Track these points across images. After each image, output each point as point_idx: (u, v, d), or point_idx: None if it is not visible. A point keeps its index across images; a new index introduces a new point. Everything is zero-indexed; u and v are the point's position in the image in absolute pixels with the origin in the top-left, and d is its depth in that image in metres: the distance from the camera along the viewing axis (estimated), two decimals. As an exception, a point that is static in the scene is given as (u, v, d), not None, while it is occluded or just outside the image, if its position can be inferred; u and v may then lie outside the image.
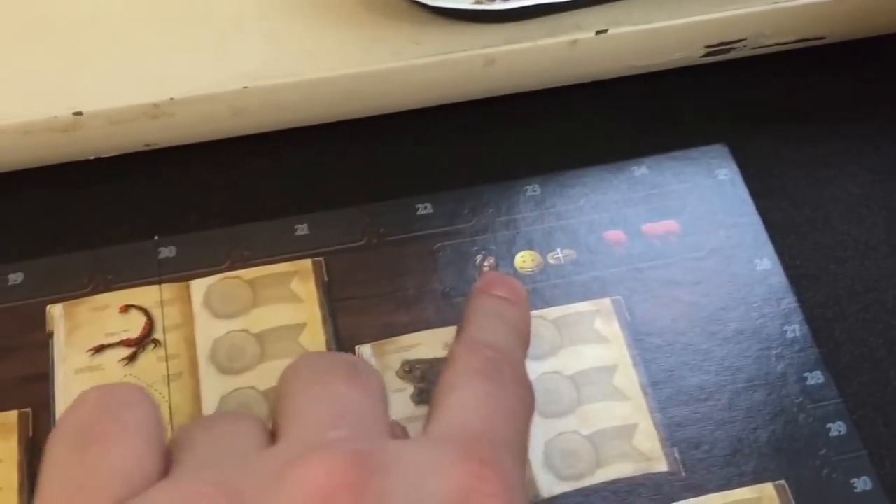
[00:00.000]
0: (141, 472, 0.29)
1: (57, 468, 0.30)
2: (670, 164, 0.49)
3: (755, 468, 0.41)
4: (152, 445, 0.31)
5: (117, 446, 0.30)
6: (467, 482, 0.29)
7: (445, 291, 0.45)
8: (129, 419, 0.31)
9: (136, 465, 0.30)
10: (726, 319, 0.45)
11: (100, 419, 0.30)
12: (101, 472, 0.29)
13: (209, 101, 0.47)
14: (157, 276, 0.45)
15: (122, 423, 0.30)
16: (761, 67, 0.53)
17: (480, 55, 0.48)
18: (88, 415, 0.31)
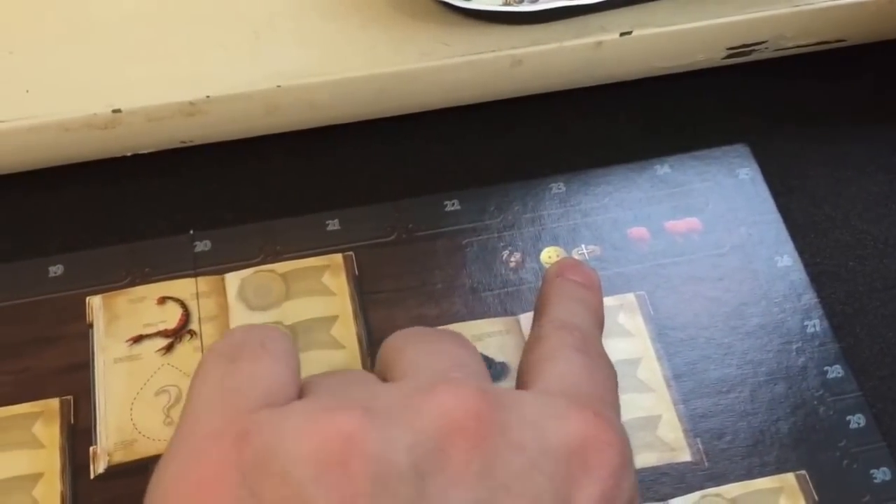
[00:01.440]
0: (284, 390, 0.31)
1: (211, 374, 0.32)
2: (692, 163, 0.50)
3: (776, 459, 0.41)
4: (292, 371, 0.32)
5: (264, 364, 0.32)
6: (585, 428, 0.30)
7: (473, 286, 0.46)
8: (273, 347, 0.33)
9: (280, 383, 0.31)
10: (748, 314, 0.45)
11: (248, 343, 0.32)
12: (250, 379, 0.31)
13: (243, 100, 0.47)
14: (192, 269, 0.46)
15: (267, 348, 0.32)
16: (782, 69, 0.53)
17: (507, 56, 0.49)
18: (238, 340, 0.33)
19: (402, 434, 0.28)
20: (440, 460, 0.28)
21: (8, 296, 0.45)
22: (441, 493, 0.27)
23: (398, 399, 0.30)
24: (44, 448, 0.41)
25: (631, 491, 0.31)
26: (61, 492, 0.40)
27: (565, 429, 0.30)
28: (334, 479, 0.27)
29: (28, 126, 0.46)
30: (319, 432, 0.28)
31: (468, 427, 0.28)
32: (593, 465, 0.30)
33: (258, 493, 0.27)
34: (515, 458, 0.29)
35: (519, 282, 0.46)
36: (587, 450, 0.30)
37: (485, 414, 0.29)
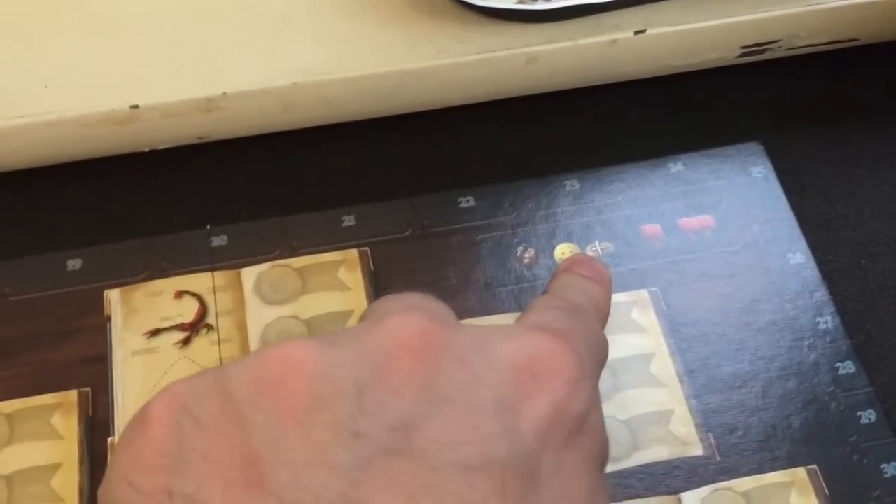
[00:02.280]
0: None
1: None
2: (706, 161, 0.50)
3: (787, 453, 0.42)
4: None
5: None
6: (537, 344, 0.30)
7: (487, 282, 0.46)
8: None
9: None
10: (760, 311, 0.45)
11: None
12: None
13: (260, 96, 0.48)
14: (209, 264, 0.46)
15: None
16: (795, 68, 0.54)
17: (522, 54, 0.49)
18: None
19: (344, 354, 0.28)
20: (381, 375, 0.28)
21: (27, 289, 0.46)
22: (380, 405, 0.27)
23: (347, 332, 0.30)
24: (62, 439, 0.42)
25: (586, 404, 0.30)
26: (79, 482, 0.41)
27: (516, 345, 0.30)
28: (273, 397, 0.27)
29: (47, 121, 0.47)
30: (262, 359, 0.28)
31: (412, 344, 0.29)
32: (544, 378, 0.29)
33: (198, 417, 0.28)
34: (459, 372, 0.29)
35: (533, 278, 0.46)
36: (537, 363, 0.30)
37: (430, 332, 0.29)
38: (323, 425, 0.27)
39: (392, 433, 0.27)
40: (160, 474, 0.27)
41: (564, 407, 0.29)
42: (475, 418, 0.28)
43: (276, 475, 0.26)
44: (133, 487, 0.27)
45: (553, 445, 0.29)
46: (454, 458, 0.27)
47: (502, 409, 0.28)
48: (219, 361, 0.44)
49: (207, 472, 0.27)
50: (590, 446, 0.31)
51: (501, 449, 0.27)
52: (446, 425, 0.27)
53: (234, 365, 0.29)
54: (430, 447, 0.27)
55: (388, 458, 0.27)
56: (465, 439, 0.27)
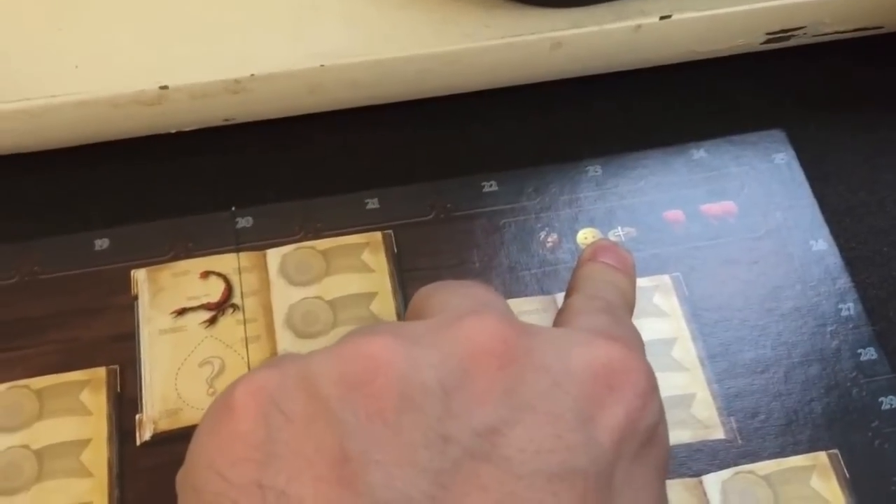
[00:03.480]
0: None
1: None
2: (729, 147, 0.50)
3: (809, 437, 0.42)
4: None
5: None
6: (610, 353, 0.31)
7: (511, 265, 0.47)
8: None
9: None
10: (782, 297, 0.46)
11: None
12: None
13: (287, 79, 0.48)
14: (234, 245, 0.47)
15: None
16: (820, 55, 0.54)
17: (548, 38, 0.49)
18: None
19: (429, 354, 0.29)
20: (466, 379, 0.29)
21: (56, 267, 0.46)
22: (465, 409, 0.28)
23: (427, 328, 0.31)
24: (91, 415, 0.43)
25: (656, 416, 0.31)
26: (108, 457, 0.42)
27: (591, 353, 0.30)
28: (361, 395, 0.28)
29: (76, 101, 0.47)
30: (348, 355, 0.29)
31: (494, 349, 0.29)
32: (618, 387, 0.30)
33: (286, 411, 0.28)
34: (540, 379, 0.29)
35: (556, 262, 0.47)
36: (612, 373, 0.30)
37: (511, 338, 0.30)
38: (412, 426, 0.27)
39: (478, 438, 0.28)
40: (251, 467, 0.27)
41: (638, 418, 0.30)
42: (557, 427, 0.28)
43: (368, 475, 0.26)
44: (222, 478, 0.28)
45: (627, 456, 0.29)
46: (538, 466, 0.27)
47: (581, 417, 0.29)
48: (244, 341, 0.44)
49: (299, 467, 0.27)
50: (658, 456, 0.31)
51: (582, 458, 0.28)
52: (530, 432, 0.28)
53: (319, 358, 0.29)
54: (514, 454, 0.27)
55: (475, 463, 0.27)
56: (548, 447, 0.28)
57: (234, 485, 0.27)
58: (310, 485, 0.27)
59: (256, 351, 0.44)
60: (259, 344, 0.44)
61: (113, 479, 0.41)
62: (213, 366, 0.44)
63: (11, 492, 0.41)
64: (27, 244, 0.47)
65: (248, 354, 0.44)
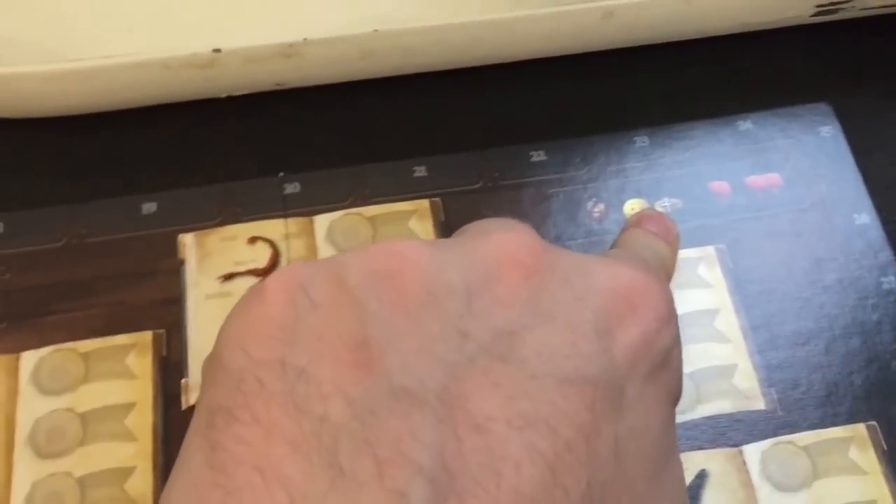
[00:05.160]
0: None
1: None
2: (774, 120, 0.52)
3: (849, 409, 0.44)
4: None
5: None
6: (633, 277, 0.32)
7: (558, 234, 0.48)
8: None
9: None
10: (825, 270, 0.47)
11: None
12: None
13: (340, 43, 0.49)
14: (282, 211, 0.49)
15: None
16: (868, 28, 0.55)
17: (599, 7, 0.50)
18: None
19: (456, 258, 0.30)
20: (490, 283, 0.30)
21: (103, 231, 0.48)
22: (486, 311, 0.29)
23: (457, 239, 0.33)
24: (137, 378, 0.44)
25: (671, 341, 0.32)
26: (153, 422, 0.43)
27: (615, 274, 0.32)
28: (386, 287, 0.29)
29: (129, 63, 0.48)
30: (378, 252, 0.30)
31: (521, 259, 0.31)
32: (637, 307, 0.31)
33: (314, 298, 0.29)
34: (563, 290, 0.31)
35: (602, 232, 0.48)
36: (633, 294, 0.31)
37: (538, 251, 0.31)
38: (433, 320, 0.29)
39: (496, 338, 0.29)
40: (276, 345, 0.29)
41: (653, 339, 0.31)
42: (574, 335, 0.30)
43: (386, 360, 0.28)
44: (247, 354, 0.29)
45: (638, 373, 0.31)
46: (551, 369, 0.29)
47: (599, 330, 0.30)
48: (292, 306, 0.46)
49: (320, 350, 0.28)
50: (670, 381, 0.33)
51: (595, 368, 0.29)
52: (547, 338, 0.29)
53: (351, 255, 0.31)
54: (530, 356, 0.29)
55: (491, 361, 0.29)
56: (563, 354, 0.29)
57: (259, 361, 0.28)
58: (329, 366, 0.28)
59: (305, 315, 0.45)
60: (308, 308, 0.46)
61: (158, 444, 0.43)
62: (261, 330, 0.45)
63: (56, 455, 0.42)
64: (75, 207, 0.49)
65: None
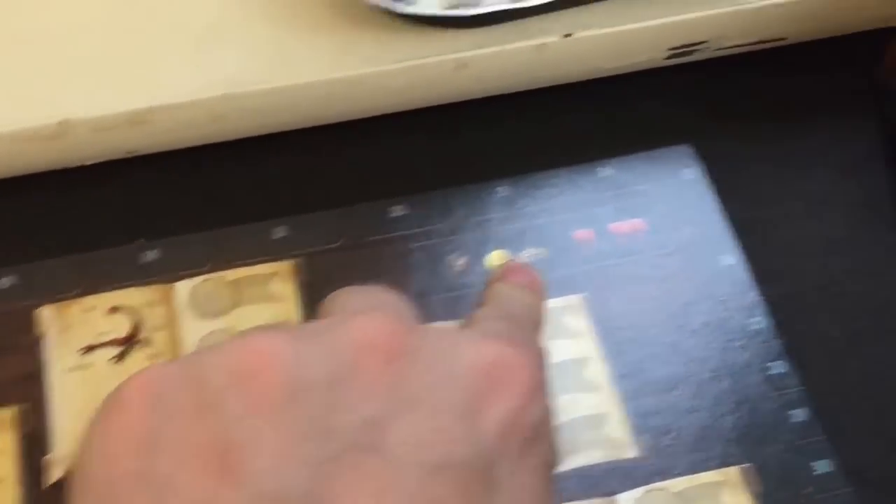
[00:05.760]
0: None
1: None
2: (637, 164, 0.52)
3: (721, 453, 0.44)
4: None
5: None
6: (497, 352, 0.32)
7: (420, 291, 0.48)
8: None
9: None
10: (692, 313, 0.47)
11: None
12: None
13: (189, 108, 0.49)
14: (142, 279, 0.48)
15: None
16: (725, 68, 0.56)
17: (451, 60, 0.51)
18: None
19: (317, 349, 0.30)
20: (352, 373, 0.30)
21: (-43, 309, 0.47)
22: (350, 403, 0.29)
23: (318, 325, 0.32)
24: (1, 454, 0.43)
25: (541, 414, 0.32)
26: (18, 498, 0.42)
27: (479, 351, 0.32)
28: (248, 387, 0.29)
29: (-23, 138, 0.48)
30: (236, 349, 0.30)
31: (381, 344, 0.30)
32: (502, 385, 0.31)
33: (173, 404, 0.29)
34: (426, 374, 0.30)
35: (465, 286, 0.48)
36: (498, 370, 0.31)
37: (399, 334, 0.31)
38: (297, 418, 0.28)
39: (362, 430, 0.29)
40: (138, 456, 0.28)
41: (522, 415, 0.31)
42: (440, 420, 0.30)
43: (250, 464, 0.27)
44: (110, 466, 0.28)
45: (510, 450, 0.30)
46: (421, 457, 0.28)
47: (465, 412, 0.30)
48: (153, 377, 0.45)
49: (182, 457, 0.28)
50: (544, 451, 0.32)
51: (464, 451, 0.29)
52: (413, 426, 0.29)
53: (208, 354, 0.30)
54: (398, 446, 0.28)
55: (359, 455, 0.28)
56: (430, 440, 0.29)
57: (123, 473, 0.28)
58: (194, 473, 0.27)
59: (165, 386, 0.44)
60: (168, 379, 0.45)
61: (23, 521, 0.42)
62: (122, 403, 0.44)
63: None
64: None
65: (158, 390, 0.44)
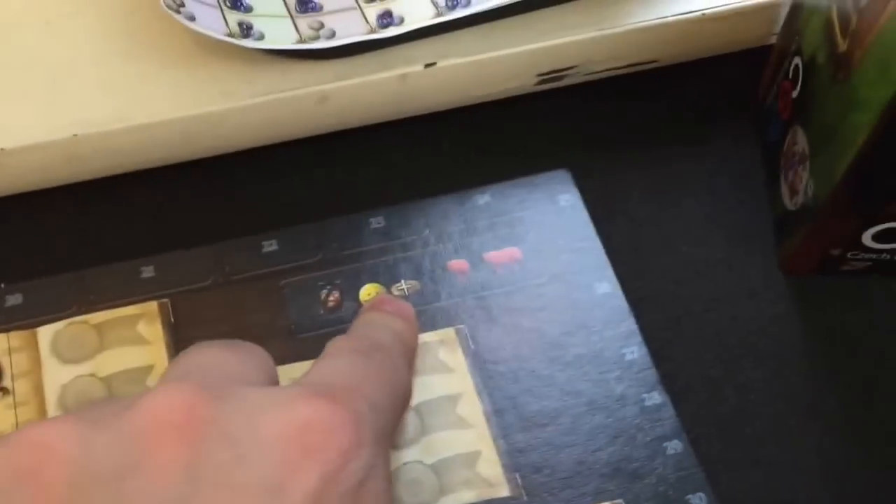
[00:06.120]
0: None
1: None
2: (513, 191, 0.51)
3: (595, 489, 0.43)
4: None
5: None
6: (309, 413, 0.30)
7: (292, 328, 0.47)
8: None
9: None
10: (567, 344, 0.47)
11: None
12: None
13: (40, 150, 0.48)
14: (3, 325, 0.47)
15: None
16: (599, 92, 0.55)
17: (313, 92, 0.50)
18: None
19: (103, 435, 0.29)
20: (143, 457, 0.28)
21: None
22: (141, 491, 0.28)
23: (112, 407, 0.31)
24: None
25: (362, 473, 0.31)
26: None
27: (287, 416, 0.30)
28: (28, 489, 0.28)
29: None
30: (18, 444, 0.29)
31: (174, 421, 0.29)
32: (313, 450, 0.30)
33: None
34: (225, 450, 0.29)
35: (338, 321, 0.47)
36: (308, 434, 0.30)
37: (197, 408, 0.30)
38: None
39: None
40: None
41: (337, 478, 0.30)
42: (242, 500, 0.28)
43: None
44: None
45: None
46: None
47: (268, 487, 0.29)
48: (15, 426, 0.44)
49: None
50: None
51: None
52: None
53: None
54: None
55: None
56: None
57: None
58: None
59: (25, 437, 0.43)
60: (28, 430, 0.44)
61: None
62: (-19, 456, 0.43)
63: None
64: None
65: (17, 442, 0.43)
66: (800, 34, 0.49)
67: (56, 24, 0.52)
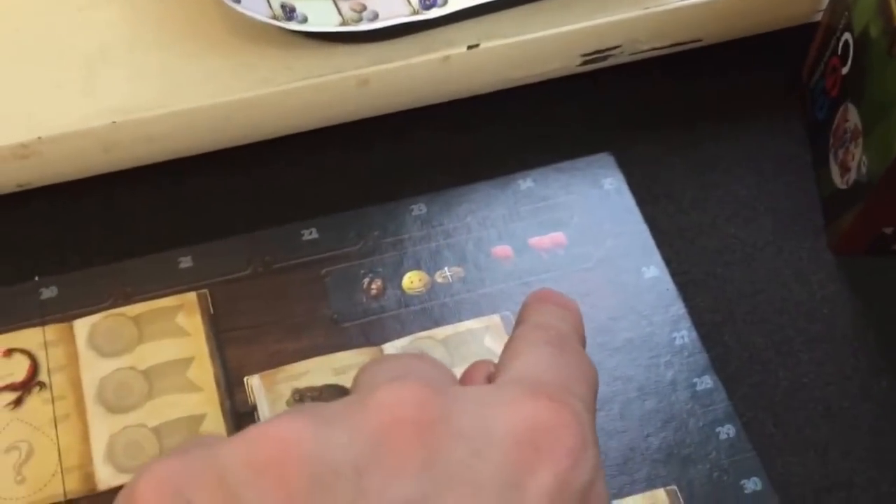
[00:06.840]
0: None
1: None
2: (556, 175, 0.51)
3: (647, 475, 0.43)
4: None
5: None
6: (535, 413, 0.30)
7: (334, 317, 0.47)
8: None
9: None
10: (616, 329, 0.47)
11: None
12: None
13: (78, 138, 0.48)
14: (39, 318, 0.46)
15: None
16: (642, 72, 0.55)
17: (353, 76, 0.50)
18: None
19: (340, 433, 0.29)
20: (380, 454, 0.28)
21: None
22: (380, 489, 0.28)
23: (342, 405, 0.30)
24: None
25: (590, 474, 0.31)
26: None
27: (515, 415, 0.30)
28: (270, 481, 0.28)
29: None
30: (255, 439, 0.28)
31: (408, 416, 0.29)
32: (545, 449, 0.30)
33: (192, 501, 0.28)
34: (459, 446, 0.29)
35: (381, 310, 0.47)
36: (538, 433, 0.30)
37: (427, 404, 0.29)
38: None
39: None
40: None
41: (569, 479, 0.30)
42: (480, 498, 0.28)
43: None
44: None
45: None
46: None
47: (506, 485, 0.29)
48: (53, 421, 0.44)
49: None
50: None
51: None
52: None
53: (226, 444, 0.29)
54: None
55: None
56: None
57: None
58: None
59: (67, 431, 0.44)
60: (69, 423, 0.44)
61: None
62: (20, 451, 0.43)
63: None
64: None
65: (58, 436, 0.43)
66: (849, 9, 0.49)
67: (88, 12, 0.52)
